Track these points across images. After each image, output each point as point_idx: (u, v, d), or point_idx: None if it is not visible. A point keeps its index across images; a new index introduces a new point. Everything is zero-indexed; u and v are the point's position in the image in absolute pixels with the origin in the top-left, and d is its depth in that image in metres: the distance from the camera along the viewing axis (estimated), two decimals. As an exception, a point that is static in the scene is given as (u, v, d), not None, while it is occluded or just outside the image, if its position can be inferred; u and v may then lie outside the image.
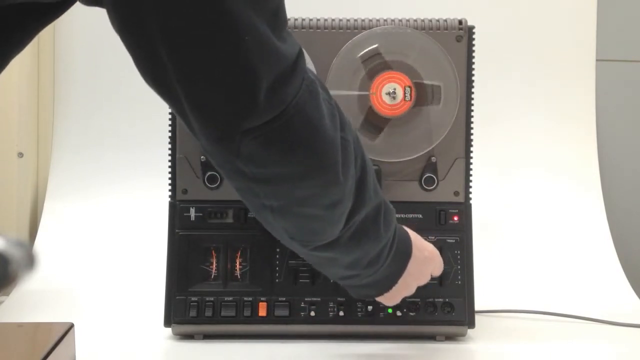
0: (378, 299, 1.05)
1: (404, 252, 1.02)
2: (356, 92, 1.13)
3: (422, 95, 1.13)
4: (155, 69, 0.77)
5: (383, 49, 1.12)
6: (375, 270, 0.99)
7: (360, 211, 0.92)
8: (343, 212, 0.91)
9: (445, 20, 1.14)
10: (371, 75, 1.12)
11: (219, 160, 0.86)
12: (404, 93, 1.12)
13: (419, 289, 1.10)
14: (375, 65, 1.12)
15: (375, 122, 1.13)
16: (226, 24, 0.74)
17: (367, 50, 1.12)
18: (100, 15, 0.82)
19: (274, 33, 0.78)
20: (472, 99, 1.15)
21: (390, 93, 1.12)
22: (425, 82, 1.13)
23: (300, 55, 0.82)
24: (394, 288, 1.03)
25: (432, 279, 1.10)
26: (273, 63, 0.78)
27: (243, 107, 0.78)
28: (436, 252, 1.08)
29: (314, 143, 0.84)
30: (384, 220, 0.96)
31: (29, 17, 0.83)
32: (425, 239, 1.12)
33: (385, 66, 1.12)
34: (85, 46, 1.59)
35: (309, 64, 1.12)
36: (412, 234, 1.05)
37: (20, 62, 1.51)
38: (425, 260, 1.05)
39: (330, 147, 0.85)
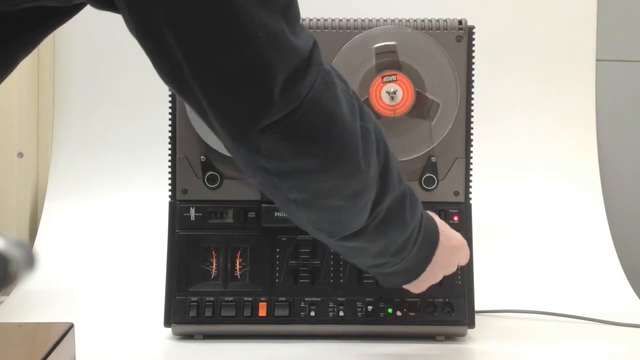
0: (405, 286, 1.06)
1: (432, 240, 1.02)
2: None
3: (420, 107, 1.13)
4: (173, 72, 0.78)
5: (398, 48, 1.12)
6: (403, 258, 0.99)
7: (385, 199, 0.92)
8: (367, 201, 0.91)
9: (445, 20, 1.14)
10: (379, 69, 1.12)
11: (241, 159, 0.86)
12: (404, 94, 1.12)
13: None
14: (387, 62, 1.12)
15: (392, 128, 1.13)
16: (238, 24, 0.75)
17: (383, 44, 1.12)
18: (100, 15, 0.83)
19: (287, 28, 0.78)
20: (472, 99, 1.15)
21: (390, 93, 1.12)
22: (428, 95, 1.12)
23: (315, 48, 0.83)
24: (421, 276, 1.03)
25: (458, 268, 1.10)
26: (287, 58, 0.79)
27: (260, 104, 0.79)
28: (464, 241, 1.07)
29: (332, 134, 0.84)
30: (410, 208, 0.97)
31: (39, 19, 0.84)
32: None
33: (396, 65, 1.12)
34: (85, 46, 1.59)
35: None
36: (440, 222, 1.05)
37: (20, 62, 1.50)
38: (453, 249, 1.05)
39: (349, 136, 0.86)
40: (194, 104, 0.81)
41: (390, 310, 1.13)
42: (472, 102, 1.15)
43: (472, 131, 1.15)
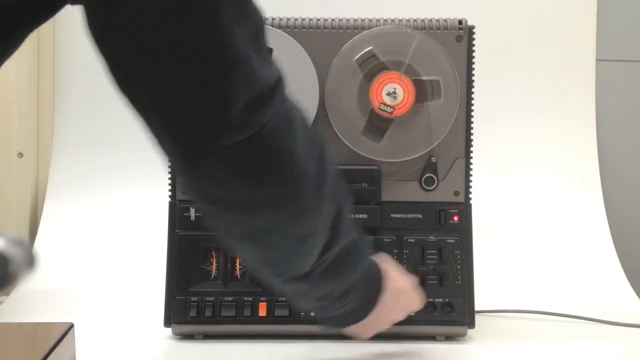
0: (349, 331, 1.03)
1: (377, 286, 0.99)
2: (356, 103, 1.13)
3: (422, 91, 1.13)
4: (127, 78, 0.75)
5: (378, 50, 1.12)
6: (346, 303, 0.97)
7: (334, 247, 0.90)
8: (314, 247, 0.88)
9: (445, 20, 1.14)
10: (369, 77, 1.12)
11: (186, 180, 0.83)
12: (403, 98, 1.12)
13: (419, 288, 1.11)
14: (372, 67, 1.12)
15: (378, 124, 1.13)
16: (214, 39, 0.73)
17: (362, 53, 1.12)
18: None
19: (255, 54, 0.76)
20: (472, 99, 1.15)
21: (391, 93, 1.12)
22: (424, 78, 1.12)
23: (280, 81, 0.80)
24: (365, 320, 1.00)
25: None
26: (250, 83, 0.76)
27: (216, 125, 0.76)
28: (411, 285, 1.05)
29: (284, 171, 0.81)
30: (358, 254, 0.95)
31: (19, 17, 0.81)
32: (425, 238, 1.12)
33: (382, 67, 1.12)
34: (85, 46, 1.58)
35: (308, 64, 1.12)
36: (388, 266, 1.02)
37: (20, 62, 1.51)
38: (399, 293, 1.02)
39: (302, 177, 0.82)
40: (144, 114, 0.78)
41: (390, 310, 1.13)
42: (472, 102, 1.15)
43: (472, 131, 1.15)
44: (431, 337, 1.14)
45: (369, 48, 1.12)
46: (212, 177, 0.79)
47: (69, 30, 1.56)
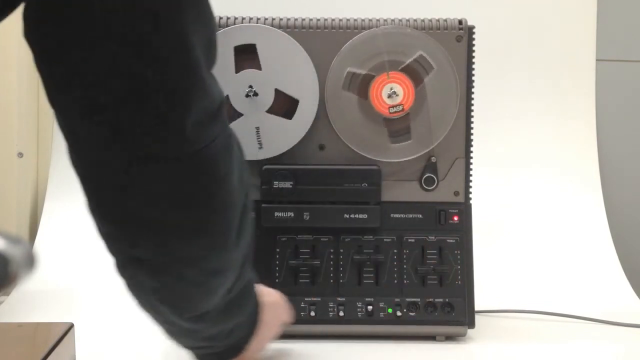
0: None
1: (257, 316, 0.97)
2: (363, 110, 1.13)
3: (415, 74, 1.12)
4: (65, 69, 0.71)
5: (355, 67, 1.12)
6: (232, 340, 0.94)
7: (238, 285, 0.88)
8: (223, 284, 0.85)
9: (445, 20, 1.14)
10: (363, 94, 1.12)
11: (103, 193, 0.77)
12: (404, 90, 1.12)
13: (420, 288, 1.11)
14: (360, 83, 1.12)
15: (398, 127, 1.13)
16: (174, 38, 0.70)
17: (343, 78, 1.12)
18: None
19: (206, 66, 0.74)
20: (472, 99, 1.15)
21: (391, 94, 1.12)
22: (408, 61, 1.12)
23: (223, 102, 0.78)
24: (244, 352, 0.97)
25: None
26: (200, 96, 0.73)
27: (157, 132, 0.72)
28: (280, 299, 1.03)
29: (214, 198, 0.78)
30: (250, 294, 0.93)
31: None
32: (425, 238, 1.13)
33: (368, 78, 1.12)
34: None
35: (308, 64, 1.12)
36: (261, 291, 0.98)
37: (20, 62, 1.51)
38: (273, 312, 1.00)
39: (232, 209, 0.80)
40: (69, 124, 0.74)
41: (390, 310, 1.13)
42: (472, 102, 1.15)
43: (472, 131, 1.15)
44: (431, 337, 1.14)
45: (347, 70, 1.12)
46: (141, 185, 0.75)
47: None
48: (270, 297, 1.00)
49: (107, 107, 0.72)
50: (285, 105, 1.13)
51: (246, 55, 1.12)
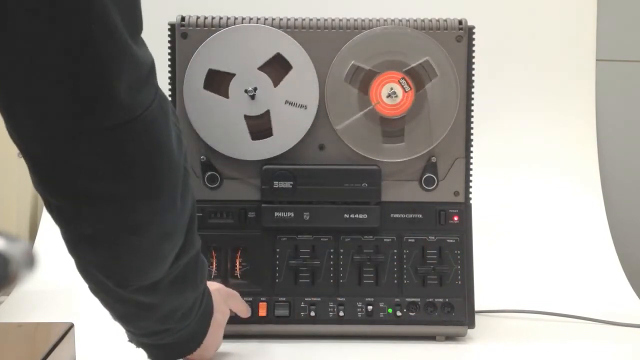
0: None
1: (209, 310, 0.98)
2: (361, 113, 1.13)
3: (418, 77, 1.13)
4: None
5: (360, 61, 1.12)
6: (185, 325, 0.94)
7: (187, 253, 0.88)
8: (173, 248, 0.85)
9: (445, 20, 1.14)
10: (364, 89, 1.12)
11: (48, 168, 0.76)
12: (402, 86, 1.12)
13: (420, 288, 1.11)
14: (363, 78, 1.12)
15: (393, 127, 1.13)
16: (79, 8, 0.69)
17: (347, 69, 1.12)
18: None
19: (126, 31, 0.72)
20: (472, 99, 1.15)
21: (391, 94, 1.12)
22: (413, 64, 1.12)
23: (153, 67, 0.77)
24: (200, 349, 0.98)
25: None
26: (126, 63, 0.72)
27: (91, 103, 0.72)
28: (227, 298, 1.05)
29: (158, 161, 0.78)
30: (200, 269, 0.93)
31: None
32: (425, 238, 1.13)
33: (372, 73, 1.12)
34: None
35: (308, 64, 1.12)
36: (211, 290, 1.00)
37: None
38: (221, 322, 1.02)
39: (174, 170, 0.81)
40: (2, 98, 0.72)
41: (390, 310, 1.13)
42: (472, 102, 1.15)
43: (472, 131, 1.15)
44: (431, 337, 1.14)
45: (352, 62, 1.12)
46: (82, 163, 0.75)
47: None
48: (218, 312, 1.01)
49: (33, 85, 0.71)
50: (285, 105, 1.13)
51: (246, 55, 1.12)
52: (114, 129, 0.74)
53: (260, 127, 1.13)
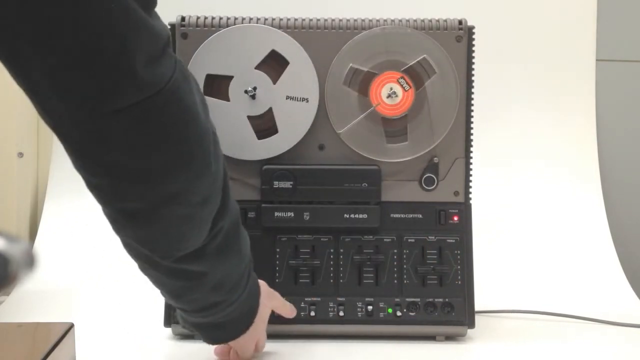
0: (236, 343, 1.01)
1: (256, 291, 0.99)
2: (362, 115, 1.13)
3: (417, 75, 1.12)
4: (7, 36, 0.70)
5: (358, 63, 1.12)
6: (237, 298, 0.95)
7: (225, 216, 0.89)
8: (211, 212, 0.87)
9: (445, 20, 1.14)
10: (364, 90, 1.12)
11: (81, 148, 0.78)
12: (401, 85, 1.12)
13: (419, 289, 1.11)
14: (362, 80, 1.12)
15: (393, 128, 1.13)
16: None
17: (346, 72, 1.12)
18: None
19: (140, 6, 0.73)
20: (472, 99, 1.15)
21: (391, 94, 1.12)
22: (411, 63, 1.12)
23: (169, 38, 0.78)
24: (247, 332, 0.99)
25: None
26: (145, 37, 0.73)
27: (116, 81, 0.72)
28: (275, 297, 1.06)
29: (188, 128, 0.80)
30: (243, 238, 0.94)
31: None
32: (425, 238, 1.13)
33: (370, 75, 1.12)
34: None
35: (308, 64, 1.12)
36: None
37: None
38: (264, 318, 1.02)
39: (203, 134, 0.82)
40: (28, 79, 0.73)
41: (390, 310, 1.13)
42: (472, 102, 1.15)
43: (472, 131, 1.15)
44: (431, 337, 1.14)
45: (350, 65, 1.12)
46: (115, 141, 0.76)
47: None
48: (265, 287, 1.03)
49: (56, 68, 0.72)
50: (285, 105, 1.13)
51: (246, 55, 1.12)
52: (140, 104, 0.74)
53: (264, 125, 1.13)
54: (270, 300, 1.05)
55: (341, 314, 1.13)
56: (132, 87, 0.74)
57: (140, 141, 0.77)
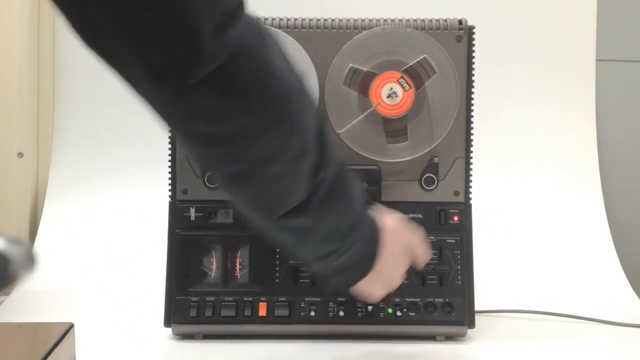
0: (358, 291, 0.98)
1: (375, 229, 0.95)
2: (362, 115, 1.13)
3: (417, 75, 1.12)
4: (91, 26, 0.75)
5: (358, 63, 1.12)
6: (354, 242, 0.92)
7: (326, 167, 0.87)
8: (309, 165, 0.85)
9: (445, 20, 1.14)
10: (364, 91, 1.12)
11: (174, 124, 0.81)
12: (401, 85, 1.12)
13: (419, 288, 1.11)
14: (362, 80, 1.12)
15: (395, 127, 1.13)
16: None
17: (346, 73, 1.12)
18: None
19: None
20: (472, 99, 1.15)
21: (391, 94, 1.12)
22: (411, 63, 1.12)
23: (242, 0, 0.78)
24: (371, 275, 0.95)
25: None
26: (216, 3, 0.74)
27: (189, 56, 0.74)
28: (411, 230, 1.00)
29: (269, 86, 0.80)
30: (350, 186, 0.92)
31: None
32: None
33: (371, 75, 1.12)
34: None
35: (308, 64, 1.12)
36: (381, 212, 0.97)
37: (21, 62, 1.51)
38: (399, 239, 0.97)
39: (286, 90, 0.82)
40: (118, 64, 0.77)
41: (390, 310, 1.13)
42: (472, 102, 1.15)
43: (472, 131, 1.15)
44: (431, 337, 1.14)
45: (350, 65, 1.12)
46: (200, 113, 0.78)
47: (69, 31, 1.56)
48: (393, 227, 0.96)
49: (133, 45, 0.74)
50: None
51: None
52: (217, 71, 0.75)
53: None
54: (412, 240, 1.00)
55: (341, 314, 1.13)
56: (201, 60, 0.74)
57: (223, 107, 0.78)
